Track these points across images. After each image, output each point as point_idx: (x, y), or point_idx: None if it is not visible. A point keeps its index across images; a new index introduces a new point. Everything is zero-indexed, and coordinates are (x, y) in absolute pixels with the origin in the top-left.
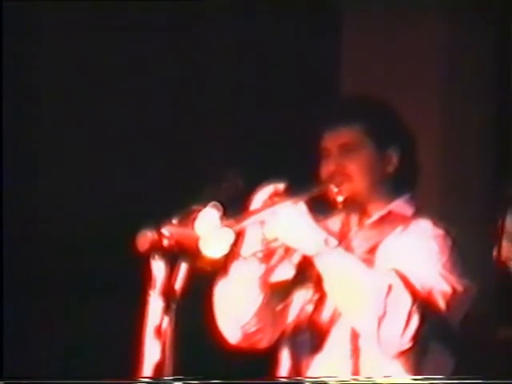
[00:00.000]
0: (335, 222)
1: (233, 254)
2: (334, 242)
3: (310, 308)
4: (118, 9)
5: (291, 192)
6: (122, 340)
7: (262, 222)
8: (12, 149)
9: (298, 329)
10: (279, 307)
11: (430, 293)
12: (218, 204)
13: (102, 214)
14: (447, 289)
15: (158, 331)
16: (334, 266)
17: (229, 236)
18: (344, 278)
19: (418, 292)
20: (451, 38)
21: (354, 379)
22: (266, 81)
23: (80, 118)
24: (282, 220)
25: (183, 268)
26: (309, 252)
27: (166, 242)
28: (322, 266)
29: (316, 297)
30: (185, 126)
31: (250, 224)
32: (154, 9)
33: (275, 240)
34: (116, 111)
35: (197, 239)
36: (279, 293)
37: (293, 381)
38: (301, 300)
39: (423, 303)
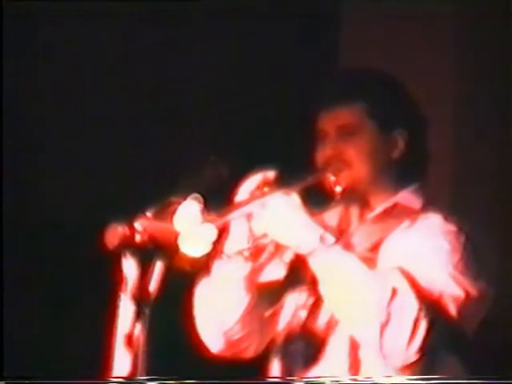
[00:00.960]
0: (333, 215)
1: (215, 252)
2: (330, 238)
3: (303, 313)
4: (117, 9)
5: (282, 181)
6: (88, 350)
7: (249, 216)
8: None
9: (289, 337)
10: (268, 312)
11: (439, 297)
12: (198, 196)
13: (66, 205)
14: (459, 293)
15: (129, 340)
16: (331, 266)
17: (211, 232)
18: (342, 279)
19: (426, 296)
20: (464, 12)
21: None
22: (255, 55)
23: (57, 108)
24: (271, 213)
25: (158, 267)
26: (302, 250)
27: (138, 238)
28: (317, 265)
29: (310, 301)
30: (162, 108)
31: (235, 218)
32: (154, 9)
33: (264, 236)
34: (96, 102)
35: (175, 235)
36: (268, 296)
37: None
38: (293, 304)
39: (432, 309)
